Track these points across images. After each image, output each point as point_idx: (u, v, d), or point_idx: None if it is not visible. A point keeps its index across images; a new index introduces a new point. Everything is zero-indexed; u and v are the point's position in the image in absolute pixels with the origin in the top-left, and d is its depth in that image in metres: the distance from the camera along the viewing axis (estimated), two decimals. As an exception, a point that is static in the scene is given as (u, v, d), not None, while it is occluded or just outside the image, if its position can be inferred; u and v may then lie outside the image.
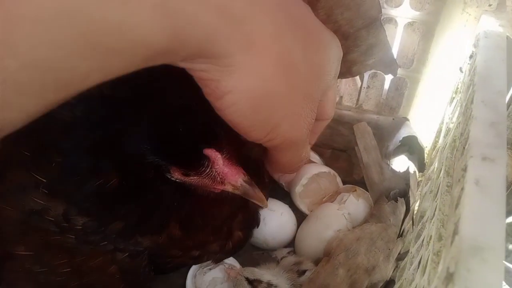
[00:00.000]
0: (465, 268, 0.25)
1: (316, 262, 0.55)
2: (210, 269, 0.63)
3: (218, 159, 0.34)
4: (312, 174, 0.68)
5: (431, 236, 0.39)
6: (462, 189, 0.31)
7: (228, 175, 0.35)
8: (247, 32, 0.26)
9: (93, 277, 0.40)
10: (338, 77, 0.66)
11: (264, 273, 0.55)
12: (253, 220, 0.53)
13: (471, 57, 0.49)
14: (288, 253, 0.68)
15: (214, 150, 0.34)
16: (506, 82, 0.40)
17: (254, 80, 0.28)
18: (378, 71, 0.68)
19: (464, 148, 0.36)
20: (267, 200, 0.42)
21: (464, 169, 0.32)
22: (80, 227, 0.38)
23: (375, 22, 0.57)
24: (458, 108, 0.48)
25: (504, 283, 0.72)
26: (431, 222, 0.42)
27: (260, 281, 0.52)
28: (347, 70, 0.64)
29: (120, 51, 0.23)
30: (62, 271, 0.39)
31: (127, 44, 0.23)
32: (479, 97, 0.38)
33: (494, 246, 0.26)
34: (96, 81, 0.23)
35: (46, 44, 0.20)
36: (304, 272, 0.54)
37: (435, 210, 0.43)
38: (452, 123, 0.51)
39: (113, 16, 0.21)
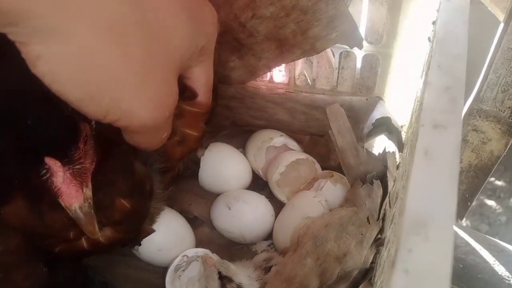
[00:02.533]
0: (405, 248, 0.22)
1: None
2: (184, 270, 0.61)
3: (57, 173, 0.30)
4: (290, 161, 0.65)
5: (393, 217, 0.36)
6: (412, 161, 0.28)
7: (63, 195, 0.30)
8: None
9: None
10: (303, 56, 0.64)
11: (239, 273, 0.52)
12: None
13: (433, 23, 0.46)
14: (269, 245, 0.66)
15: (56, 162, 0.30)
16: (467, 45, 0.37)
17: (69, 47, 0.24)
18: (350, 50, 0.65)
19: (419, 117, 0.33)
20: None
21: (416, 140, 0.29)
22: None
23: (334, -7, 0.54)
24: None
25: (497, 261, 0.69)
26: (397, 202, 0.39)
27: (230, 280, 0.49)
28: (311, 47, 0.61)
29: None
30: None
31: None
32: (435, 62, 0.35)
33: (441, 222, 0.23)
34: None
35: None
36: (270, 268, 0.51)
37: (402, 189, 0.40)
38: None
39: None
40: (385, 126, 0.65)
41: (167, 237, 0.61)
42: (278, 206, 0.66)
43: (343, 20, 0.54)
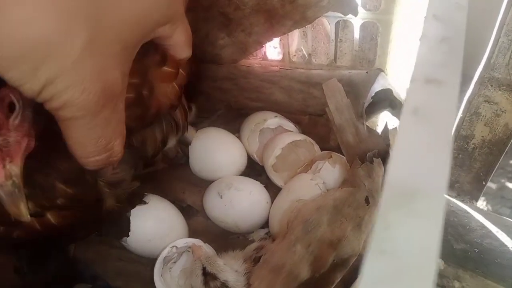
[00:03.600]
0: (384, 224, 0.18)
1: (280, 241, 0.48)
2: (175, 262, 0.57)
3: None
4: (286, 144, 0.61)
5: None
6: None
7: None
8: None
9: None
10: (295, 28, 0.59)
11: (225, 270, 0.48)
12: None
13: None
14: (266, 233, 0.61)
15: None
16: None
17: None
18: (347, 19, 0.60)
19: (412, 76, 0.28)
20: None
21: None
22: None
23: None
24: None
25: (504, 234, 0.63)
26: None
27: (215, 277, 0.45)
28: (301, 16, 0.56)
29: None
30: None
31: None
32: (430, 12, 0.30)
33: (429, 194, 0.19)
34: None
35: None
36: (259, 258, 0.46)
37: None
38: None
39: None
40: (388, 101, 0.60)
41: (157, 226, 0.57)
42: (275, 192, 0.62)
43: None
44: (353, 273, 0.42)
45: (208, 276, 0.45)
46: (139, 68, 0.37)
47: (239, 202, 0.58)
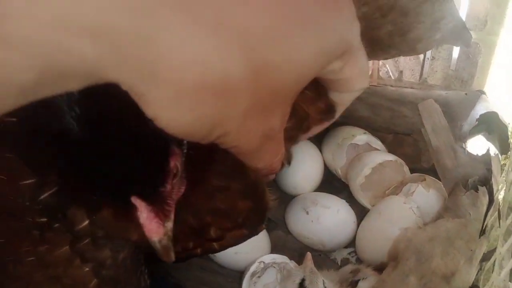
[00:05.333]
0: None
1: (380, 267, 0.47)
2: (259, 276, 0.57)
3: (142, 213, 0.29)
4: (377, 163, 0.59)
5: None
6: None
7: (145, 229, 0.30)
8: (147, 60, 0.19)
9: (59, 268, 0.36)
10: (399, 55, 0.58)
11: None
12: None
13: None
14: (349, 254, 0.61)
15: (140, 200, 0.28)
16: None
17: (175, 111, 0.22)
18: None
19: None
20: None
21: None
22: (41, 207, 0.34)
23: (440, -7, 0.48)
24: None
25: None
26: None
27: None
28: (410, 48, 0.54)
29: None
30: (27, 260, 0.35)
31: None
32: None
33: None
34: None
35: None
36: (357, 282, 0.45)
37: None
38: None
39: None
40: (486, 124, 0.58)
41: (244, 240, 0.57)
42: (359, 210, 0.61)
43: (450, 20, 0.48)
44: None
45: (303, 288, 0.45)
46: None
47: (327, 220, 0.57)
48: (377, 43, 0.56)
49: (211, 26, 0.20)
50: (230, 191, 0.38)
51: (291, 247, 0.63)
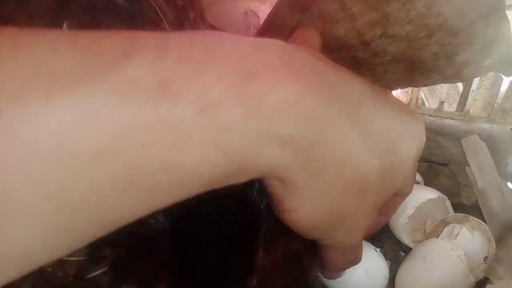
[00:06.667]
0: None
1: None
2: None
3: None
4: (420, 203, 0.56)
5: None
6: None
7: None
8: (315, 160, 0.23)
9: None
10: (441, 82, 0.54)
11: None
12: None
13: None
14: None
15: None
16: None
17: (318, 203, 0.25)
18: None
19: None
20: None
21: None
22: None
23: (496, 12, 0.44)
24: None
25: None
26: None
27: None
28: (455, 73, 0.50)
29: (169, 188, 0.19)
30: None
31: (176, 182, 0.19)
32: None
33: None
34: (143, 215, 0.20)
35: (82, 187, 0.17)
36: None
37: None
38: None
39: (158, 157, 0.18)
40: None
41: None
42: (395, 249, 0.58)
43: (503, 45, 0.44)
44: None
45: None
46: None
47: (351, 279, 0.51)
48: (418, 66, 0.52)
49: (364, 131, 0.24)
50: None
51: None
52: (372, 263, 0.52)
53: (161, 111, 0.18)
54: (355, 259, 0.33)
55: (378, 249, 0.55)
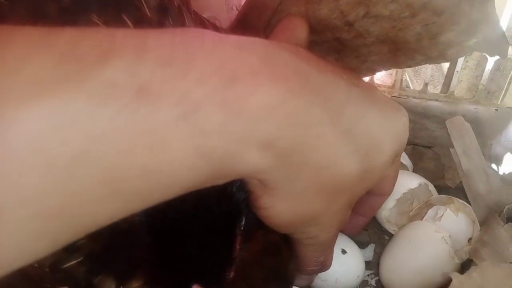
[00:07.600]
0: None
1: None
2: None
3: None
4: (401, 194, 0.54)
5: None
6: None
7: None
8: (294, 164, 0.23)
9: None
10: (425, 63, 0.53)
11: None
12: None
13: None
14: (368, 275, 0.57)
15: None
16: None
17: (292, 202, 0.25)
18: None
19: None
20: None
21: None
22: None
23: (481, -9, 0.43)
24: None
25: None
26: None
27: None
28: (439, 54, 0.49)
29: (147, 193, 0.20)
30: None
31: (155, 187, 0.19)
32: None
33: None
34: (121, 217, 0.20)
35: (58, 192, 0.17)
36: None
37: None
38: None
39: (137, 163, 0.18)
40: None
41: None
42: (380, 235, 0.58)
43: (488, 24, 0.43)
44: None
45: None
46: None
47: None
48: (402, 48, 0.51)
49: (346, 134, 0.24)
50: None
51: None
52: (342, 268, 0.51)
53: (139, 116, 0.17)
54: (325, 262, 0.34)
55: (347, 251, 0.53)
